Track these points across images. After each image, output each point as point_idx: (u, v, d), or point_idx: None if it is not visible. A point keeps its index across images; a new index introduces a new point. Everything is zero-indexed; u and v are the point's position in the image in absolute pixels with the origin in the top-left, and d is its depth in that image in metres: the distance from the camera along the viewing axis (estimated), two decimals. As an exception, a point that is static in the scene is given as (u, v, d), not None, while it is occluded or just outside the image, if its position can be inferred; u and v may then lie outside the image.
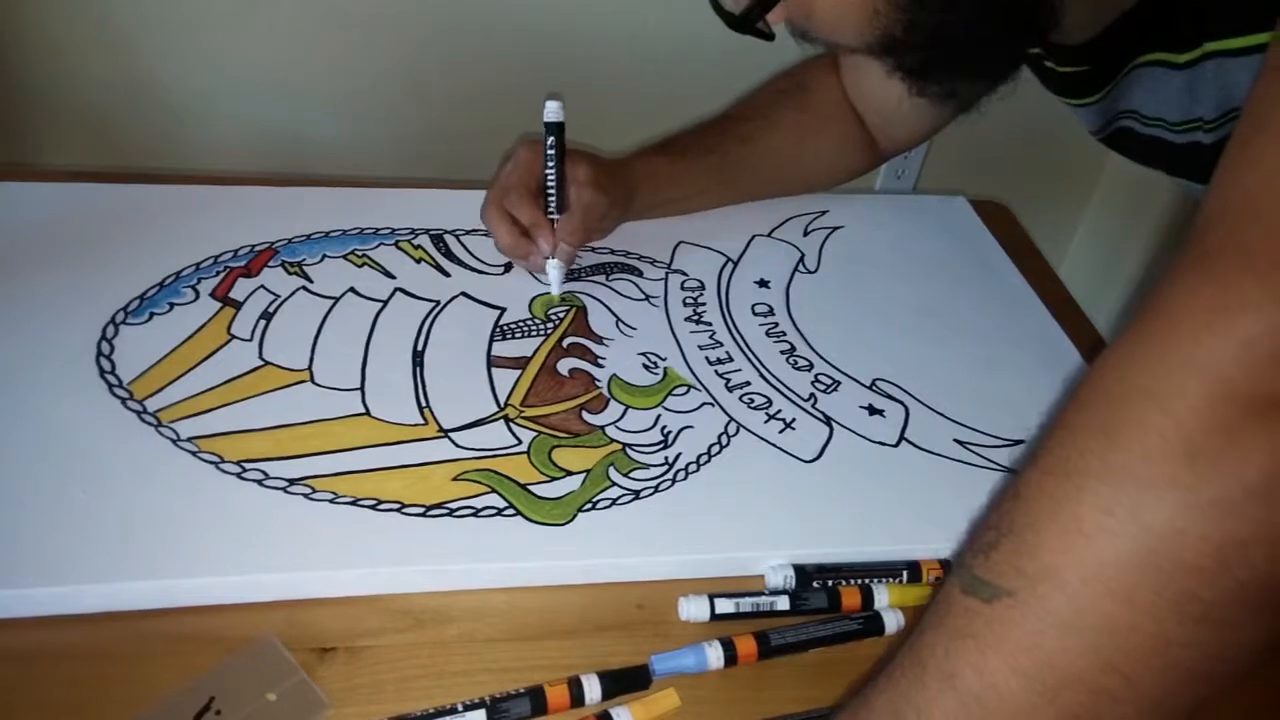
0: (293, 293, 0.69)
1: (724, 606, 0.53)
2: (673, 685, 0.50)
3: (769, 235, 0.82)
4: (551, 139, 0.70)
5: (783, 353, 0.70)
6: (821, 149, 0.83)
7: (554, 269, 0.72)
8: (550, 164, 0.70)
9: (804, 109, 0.82)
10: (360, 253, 0.73)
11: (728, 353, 0.69)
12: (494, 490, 0.57)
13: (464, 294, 0.71)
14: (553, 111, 0.70)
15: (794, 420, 0.65)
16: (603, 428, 0.62)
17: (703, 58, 1.22)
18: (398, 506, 0.55)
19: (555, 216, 0.71)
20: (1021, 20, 0.56)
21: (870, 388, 0.68)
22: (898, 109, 0.74)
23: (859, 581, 0.56)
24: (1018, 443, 0.65)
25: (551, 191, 0.71)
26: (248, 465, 0.56)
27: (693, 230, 0.80)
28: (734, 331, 0.71)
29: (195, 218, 0.74)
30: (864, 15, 0.54)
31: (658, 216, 0.80)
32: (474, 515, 0.55)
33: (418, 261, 0.73)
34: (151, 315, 0.65)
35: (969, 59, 0.58)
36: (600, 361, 0.67)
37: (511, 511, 0.56)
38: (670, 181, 0.78)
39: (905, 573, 0.56)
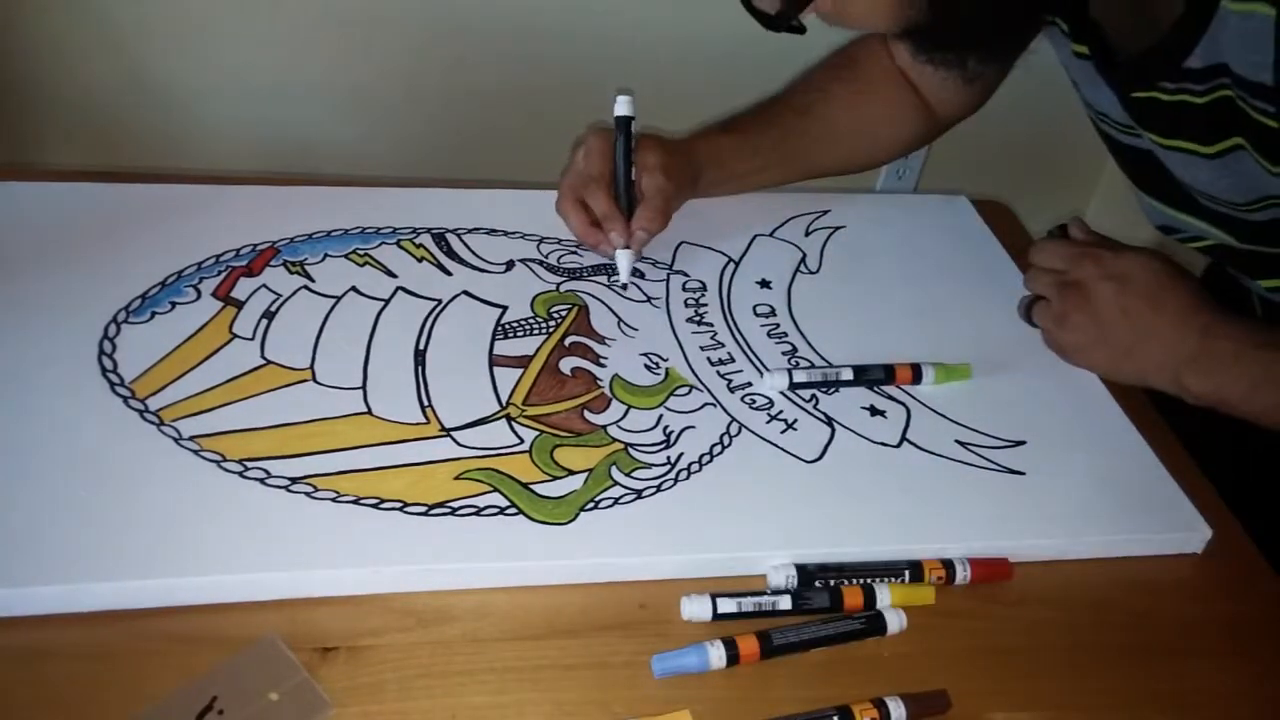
0: (294, 292, 0.69)
1: (726, 606, 0.53)
2: (674, 685, 0.50)
3: (770, 235, 0.81)
4: (621, 131, 0.73)
5: (784, 353, 0.70)
6: (877, 116, 0.85)
7: (624, 258, 0.73)
8: (619, 155, 0.73)
9: (856, 79, 0.84)
10: (362, 252, 0.73)
11: (729, 353, 0.69)
12: (496, 489, 0.57)
13: (466, 293, 0.71)
14: (623, 105, 0.73)
15: (795, 421, 0.64)
16: (605, 427, 0.62)
17: (703, 57, 1.22)
18: (400, 506, 0.55)
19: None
20: (1025, 7, 0.63)
21: (871, 388, 0.68)
22: (940, 75, 0.78)
23: (861, 581, 0.56)
24: (1018, 444, 0.65)
25: (622, 182, 0.73)
26: (249, 464, 0.56)
27: (694, 231, 0.80)
28: (735, 332, 0.71)
29: (196, 217, 0.74)
30: (890, 9, 0.60)
31: (722, 194, 0.82)
32: (476, 514, 0.55)
33: (419, 260, 0.73)
34: (153, 314, 0.65)
35: (980, 39, 0.65)
36: (602, 361, 0.67)
37: (514, 511, 0.56)
38: (735, 158, 0.80)
39: (907, 572, 0.56)
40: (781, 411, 0.65)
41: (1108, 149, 0.75)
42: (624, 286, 0.74)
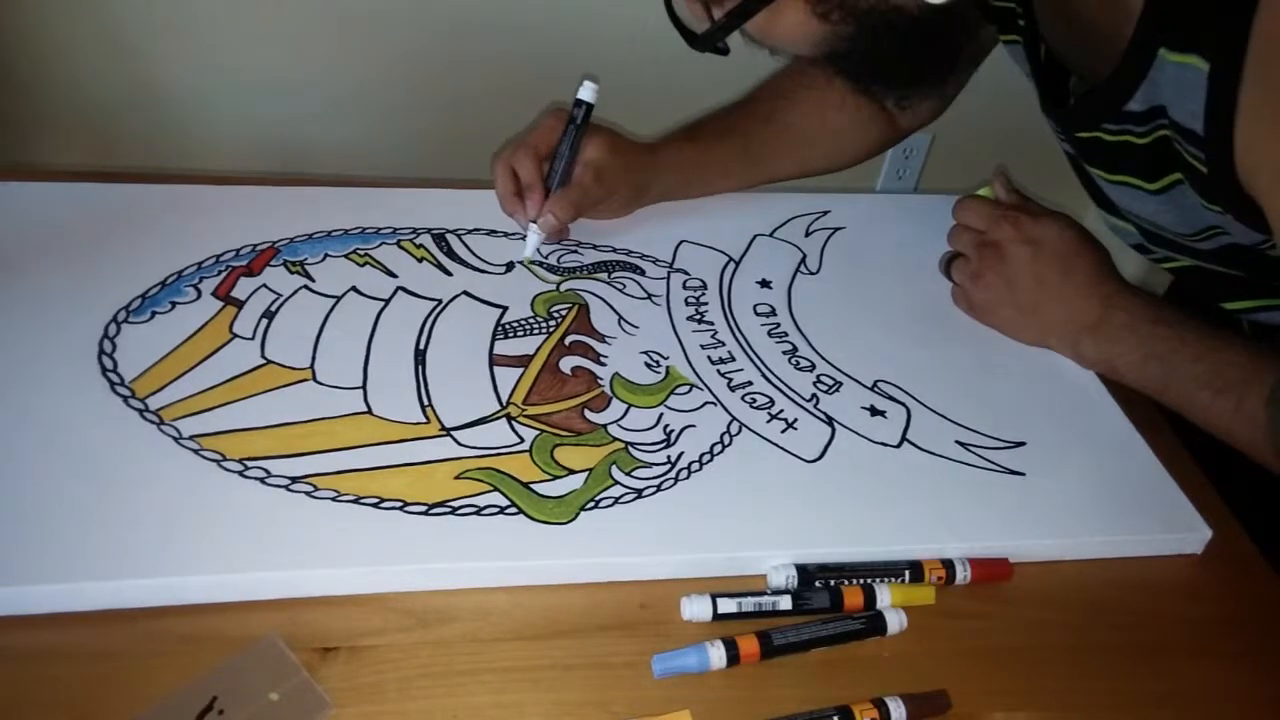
0: (295, 291, 0.69)
1: (726, 606, 0.53)
2: (675, 685, 0.50)
3: (770, 235, 0.82)
4: (576, 115, 0.73)
5: (785, 353, 0.70)
6: (840, 123, 0.86)
7: (531, 233, 0.74)
8: (566, 138, 0.74)
9: (819, 86, 0.84)
10: (362, 252, 0.73)
11: (730, 352, 0.69)
12: (496, 489, 0.57)
13: (466, 293, 0.71)
14: (587, 91, 0.74)
15: (796, 420, 0.64)
16: (605, 426, 0.62)
17: (702, 57, 1.22)
18: (400, 505, 0.55)
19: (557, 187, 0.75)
20: (942, 44, 0.64)
21: (872, 389, 0.68)
22: None
23: (861, 581, 0.56)
24: (1018, 444, 0.65)
25: (559, 163, 0.74)
26: (249, 464, 0.56)
27: (695, 230, 0.80)
28: (736, 331, 0.71)
29: (196, 217, 0.74)
30: (815, 36, 0.60)
31: (681, 198, 0.83)
32: (476, 514, 0.55)
33: (419, 260, 0.73)
34: (153, 314, 0.65)
35: (901, 75, 0.66)
36: (602, 359, 0.67)
37: (514, 510, 0.56)
38: (695, 165, 0.81)
39: (907, 572, 0.56)
40: (782, 411, 0.65)
41: (1069, 163, 0.76)
42: (526, 264, 0.74)
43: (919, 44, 0.61)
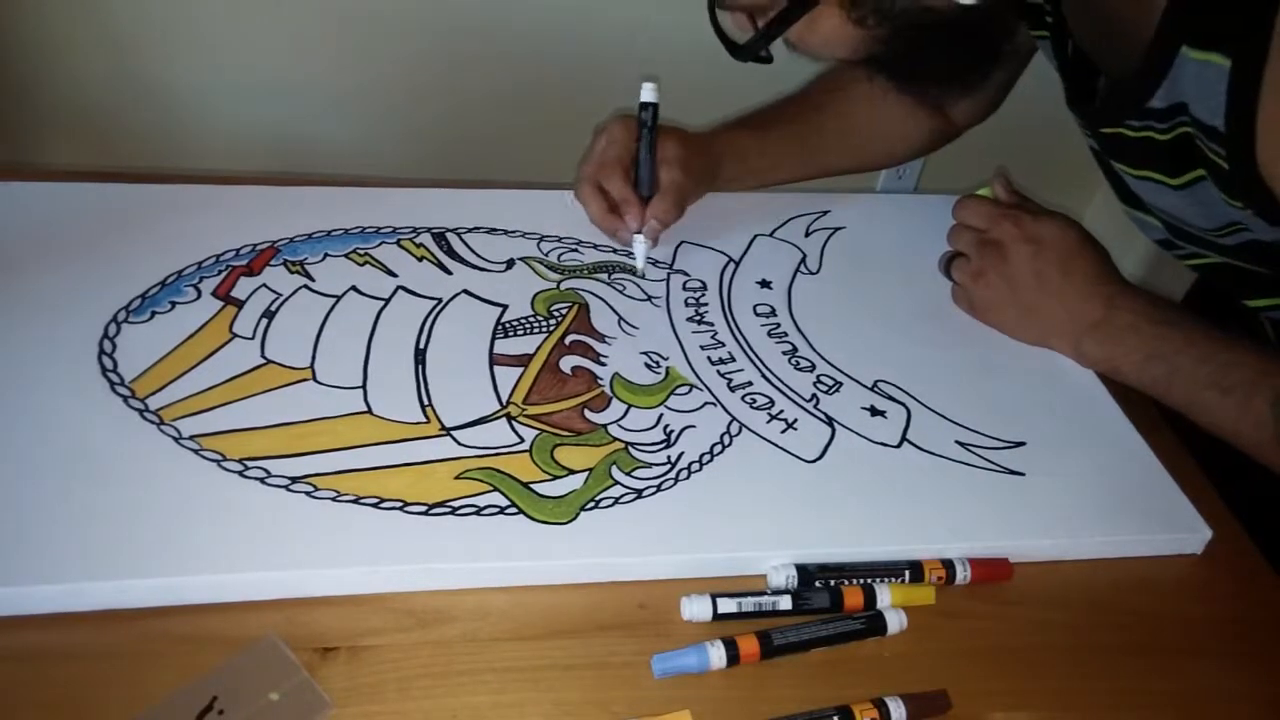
0: (295, 291, 0.69)
1: (726, 606, 0.53)
2: (675, 685, 0.50)
3: (770, 235, 0.82)
4: (645, 119, 0.74)
5: (784, 353, 0.70)
6: (894, 117, 0.86)
7: (640, 245, 0.75)
8: (642, 144, 0.74)
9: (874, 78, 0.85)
10: (362, 251, 0.73)
11: (730, 353, 0.69)
12: (496, 489, 0.57)
13: (466, 292, 0.71)
14: (649, 92, 0.74)
15: (796, 420, 0.64)
16: (605, 426, 0.62)
17: (703, 58, 1.22)
18: (400, 505, 0.55)
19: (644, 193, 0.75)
20: (977, 43, 0.65)
21: (872, 389, 0.68)
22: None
23: (861, 581, 0.56)
24: (1018, 445, 0.65)
25: (643, 170, 0.75)
26: (249, 463, 0.56)
27: (695, 230, 0.80)
28: (736, 332, 0.71)
29: (196, 217, 0.74)
30: (852, 42, 0.61)
31: (740, 189, 0.84)
32: (476, 514, 0.55)
33: (419, 260, 0.73)
34: (153, 314, 0.65)
35: (937, 75, 0.68)
36: (602, 359, 0.67)
37: (514, 510, 0.56)
38: (753, 154, 0.82)
39: (907, 572, 0.56)
40: (782, 411, 0.65)
41: (1094, 158, 0.76)
42: (641, 275, 0.75)
43: (954, 44, 0.62)
